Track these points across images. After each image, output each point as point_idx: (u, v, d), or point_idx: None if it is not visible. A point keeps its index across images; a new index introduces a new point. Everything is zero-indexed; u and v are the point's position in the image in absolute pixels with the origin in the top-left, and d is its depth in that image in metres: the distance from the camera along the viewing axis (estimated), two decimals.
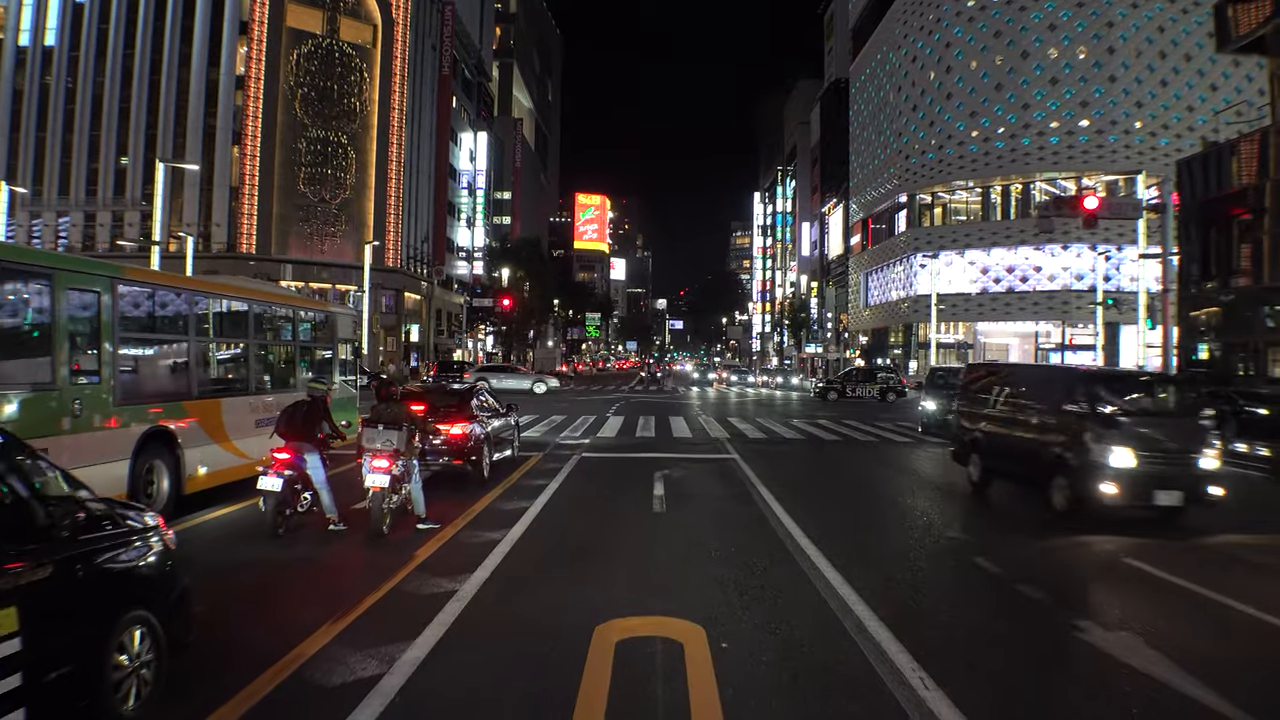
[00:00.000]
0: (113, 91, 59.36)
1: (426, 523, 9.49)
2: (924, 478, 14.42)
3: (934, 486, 13.50)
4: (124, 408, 9.34)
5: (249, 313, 12.26)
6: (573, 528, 9.64)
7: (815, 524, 9.74)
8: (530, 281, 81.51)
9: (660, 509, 10.70)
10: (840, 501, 12.02)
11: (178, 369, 10.81)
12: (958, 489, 13.14)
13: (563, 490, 12.10)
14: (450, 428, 12.19)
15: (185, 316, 10.79)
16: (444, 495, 11.61)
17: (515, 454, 15.38)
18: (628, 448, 17.81)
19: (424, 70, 69.74)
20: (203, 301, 11.27)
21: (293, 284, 61.33)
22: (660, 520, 10.05)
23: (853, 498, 12.41)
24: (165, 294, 10.54)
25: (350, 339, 16.01)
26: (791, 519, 9.97)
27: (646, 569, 7.71)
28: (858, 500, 12.17)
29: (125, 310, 9.60)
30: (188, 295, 10.89)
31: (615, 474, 14.07)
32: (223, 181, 59.11)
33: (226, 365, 12.21)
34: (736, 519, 10.16)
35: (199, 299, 11.18)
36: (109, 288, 9.16)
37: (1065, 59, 56.71)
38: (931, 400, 21.46)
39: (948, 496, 12.49)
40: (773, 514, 10.39)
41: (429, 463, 12.19)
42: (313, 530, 9.36)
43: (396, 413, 9.47)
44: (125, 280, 9.54)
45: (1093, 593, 7.54)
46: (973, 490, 12.64)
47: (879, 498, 12.46)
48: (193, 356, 10.90)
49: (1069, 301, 54.62)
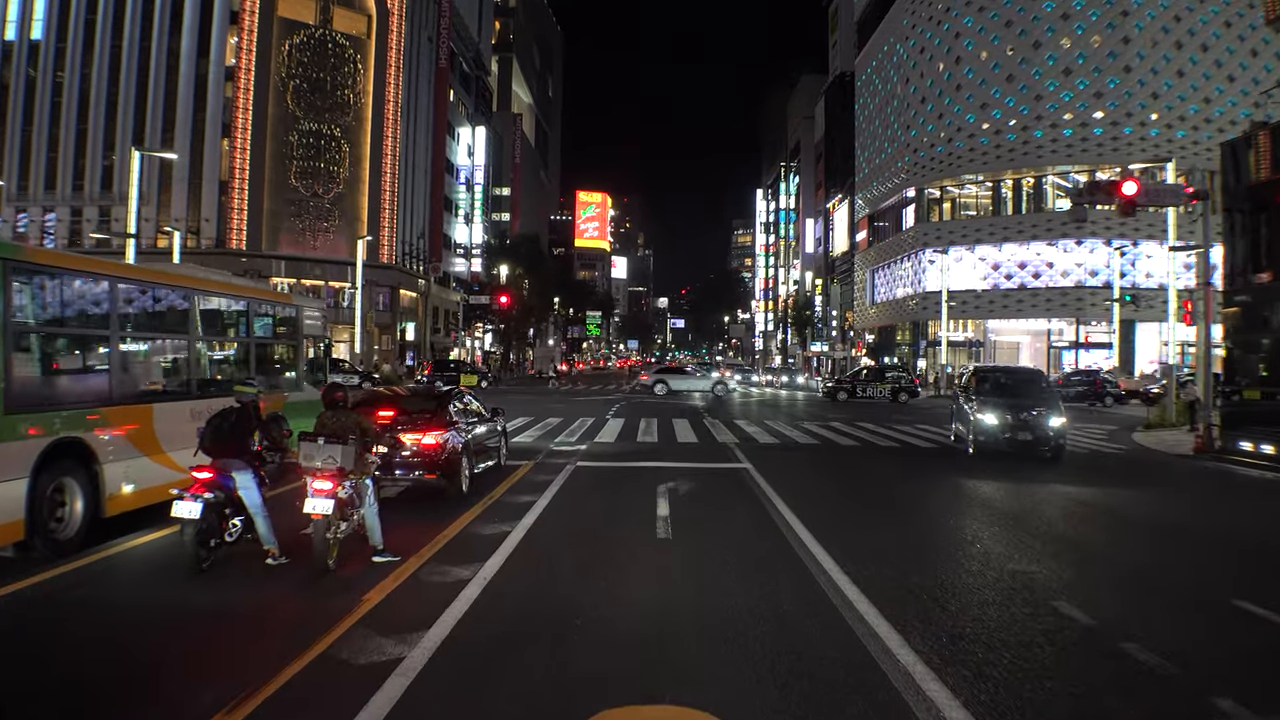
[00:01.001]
0: (100, 83, 57.78)
1: (384, 554, 7.87)
2: (966, 493, 12.79)
3: (979, 502, 11.89)
4: (18, 415, 7.71)
5: (190, 304, 10.62)
6: (559, 562, 8.01)
7: (851, 555, 8.11)
8: (529, 279, 79.89)
9: (664, 534, 9.06)
10: (874, 523, 10.36)
11: (95, 369, 9.19)
12: (1003, 504, 11.53)
13: (552, 510, 10.46)
14: (422, 437, 10.56)
15: (105, 307, 9.15)
16: (412, 516, 10.00)
17: (502, 463, 13.77)
18: (628, 455, 16.19)
19: (420, 62, 68.09)
20: (128, 290, 9.63)
21: (285, 281, 59.78)
22: (665, 551, 8.41)
23: (886, 518, 10.75)
24: (77, 280, 8.89)
25: (319, 335, 14.40)
26: (823, 549, 8.33)
27: (649, 629, 6.07)
28: (894, 521, 10.51)
29: (21, 298, 7.98)
30: (110, 282, 9.23)
31: (613, 488, 12.44)
32: (212, 175, 57.48)
33: (162, 365, 10.58)
34: (756, 550, 8.51)
35: (125, 287, 9.54)
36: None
37: (1079, 49, 55.03)
38: (989, 412, 16.73)
39: (998, 515, 10.87)
40: (799, 541, 8.75)
41: (398, 477, 10.60)
42: (247, 564, 7.75)
43: (343, 423, 7.85)
44: (19, 262, 7.90)
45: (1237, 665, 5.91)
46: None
47: (919, 517, 10.80)
48: (115, 355, 9.28)
49: (1083, 298, 52.99)
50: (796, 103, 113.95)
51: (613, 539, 8.93)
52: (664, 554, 8.25)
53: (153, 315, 10.19)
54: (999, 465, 15.54)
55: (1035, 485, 13.22)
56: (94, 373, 9.16)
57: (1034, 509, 11.28)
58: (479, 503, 10.74)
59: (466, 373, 52.83)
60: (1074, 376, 41.23)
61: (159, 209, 57.42)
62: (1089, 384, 40.07)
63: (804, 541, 8.70)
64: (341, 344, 61.02)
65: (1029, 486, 13.06)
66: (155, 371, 10.50)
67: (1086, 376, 41.22)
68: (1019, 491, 12.64)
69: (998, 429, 16.61)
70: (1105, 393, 39.32)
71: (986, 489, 12.85)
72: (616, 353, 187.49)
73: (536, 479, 12.91)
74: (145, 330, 10.13)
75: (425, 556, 7.98)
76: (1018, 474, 14.46)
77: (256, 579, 7.41)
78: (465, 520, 9.68)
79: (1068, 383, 40.32)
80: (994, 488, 12.98)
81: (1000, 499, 12.09)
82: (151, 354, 10.40)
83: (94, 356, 9.21)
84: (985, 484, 13.30)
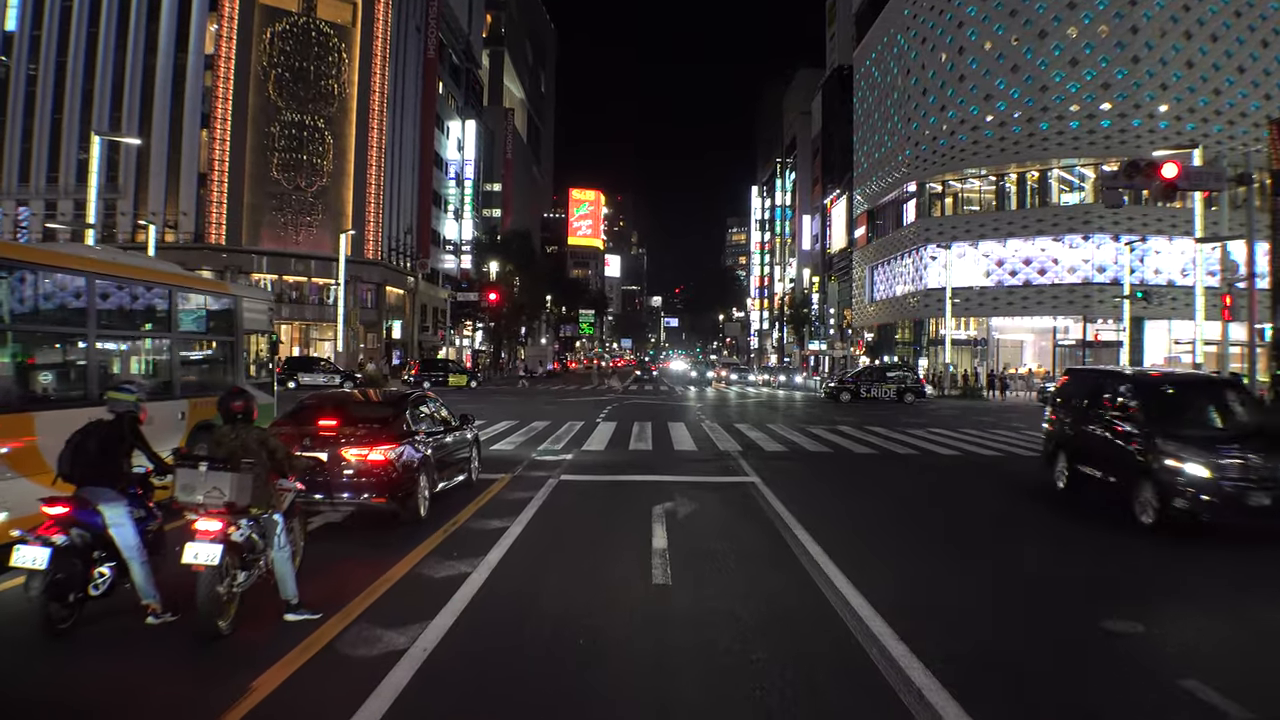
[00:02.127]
0: (75, 73, 55.77)
1: (298, 610, 6.07)
2: (1022, 517, 11.04)
3: (1038, 528, 10.14)
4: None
5: (89, 292, 8.79)
6: (527, 626, 6.20)
7: (902, 610, 6.34)
8: (520, 276, 78.03)
9: (662, 577, 7.26)
10: (914, 554, 8.57)
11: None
12: (1066, 530, 9.79)
13: (525, 542, 8.65)
14: (368, 452, 8.74)
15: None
16: (351, 549, 8.21)
17: (474, 478, 11.97)
18: (619, 466, 14.39)
19: (407, 52, 66.15)
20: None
21: (266, 277, 57.89)
22: (663, 604, 6.61)
23: (928, 546, 8.95)
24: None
25: (263, 330, 12.57)
26: (864, 599, 6.53)
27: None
28: (936, 551, 8.73)
29: None
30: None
31: (600, 509, 10.65)
32: (190, 167, 55.51)
33: (49, 365, 8.77)
34: (779, 601, 6.72)
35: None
36: None
37: (1085, 38, 53.30)
38: (1192, 454, 9.27)
39: (1063, 542, 9.13)
40: (831, 587, 6.96)
41: (338, 501, 8.78)
42: (120, 621, 5.96)
43: (241, 442, 6.05)
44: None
45: None
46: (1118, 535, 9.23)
47: (969, 546, 9.04)
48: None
49: (1091, 295, 51.30)
50: (793, 98, 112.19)
51: (597, 585, 7.12)
52: (661, 608, 6.45)
53: (37, 305, 8.37)
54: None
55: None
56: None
57: (1059, 516, 9.50)
58: (438, 531, 8.94)
59: (455, 372, 51.01)
60: None
61: (136, 202, 55.44)
62: None
63: (838, 588, 6.88)
64: (325, 342, 59.11)
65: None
66: (42, 374, 8.68)
67: None
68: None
69: (1223, 483, 8.99)
70: None
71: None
72: (610, 352, 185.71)
73: (512, 497, 11.11)
74: (28, 324, 8.31)
75: (353, 613, 6.18)
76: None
77: (124, 647, 5.63)
78: (416, 556, 7.87)
79: None
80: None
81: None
82: (35, 352, 8.57)
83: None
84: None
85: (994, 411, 33.04)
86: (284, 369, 44.19)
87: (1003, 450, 18.08)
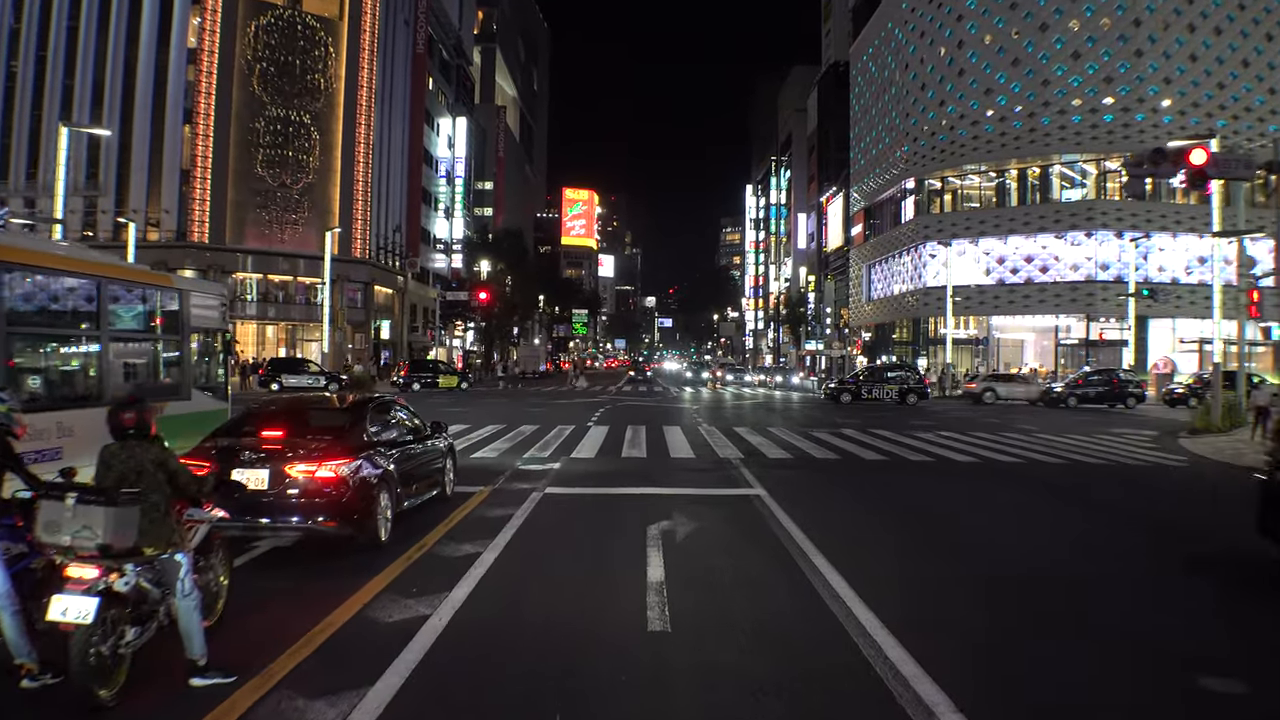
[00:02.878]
0: (55, 67, 54.33)
1: (207, 674, 4.85)
2: (1079, 544, 9.88)
3: (1098, 554, 8.99)
4: None
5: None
6: (493, 690, 5.00)
7: (960, 673, 5.16)
8: (512, 275, 76.72)
9: (660, 622, 6.05)
10: (965, 603, 7.40)
11: None
12: (1130, 562, 8.64)
13: (499, 572, 7.45)
14: (316, 468, 7.53)
15: None
16: (292, 583, 7.00)
17: (448, 491, 10.74)
18: (610, 477, 13.20)
19: (396, 47, 64.82)
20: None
21: (252, 276, 56.59)
22: (660, 660, 5.40)
23: (978, 587, 7.77)
24: None
25: (215, 327, 11.34)
26: (912, 659, 5.34)
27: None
28: (988, 593, 7.54)
29: None
30: None
31: (588, 530, 9.44)
32: (172, 164, 54.15)
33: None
34: (806, 662, 5.52)
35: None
36: None
37: (1087, 32, 52.29)
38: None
39: (1136, 578, 7.97)
40: (867, 637, 5.77)
41: (282, 527, 7.57)
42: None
43: (130, 464, 4.84)
44: None
45: None
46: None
47: (1029, 581, 7.86)
48: None
49: (1094, 293, 50.25)
50: (788, 95, 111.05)
51: (581, 632, 5.90)
52: (658, 666, 5.24)
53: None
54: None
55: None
56: None
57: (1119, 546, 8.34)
58: (399, 558, 7.73)
59: (446, 374, 49.77)
60: (1093, 376, 38.48)
61: (117, 200, 54.03)
62: (1107, 384, 37.28)
63: (877, 641, 5.69)
64: (313, 343, 57.73)
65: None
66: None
67: (1105, 376, 38.51)
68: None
69: None
70: (1127, 393, 36.54)
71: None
72: (604, 352, 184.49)
73: (489, 514, 9.90)
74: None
75: (277, 675, 4.97)
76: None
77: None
78: (369, 593, 6.66)
79: (1087, 382, 37.50)
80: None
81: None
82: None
83: None
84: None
85: (999, 413, 31.95)
86: (268, 371, 42.93)
87: (1021, 456, 16.95)
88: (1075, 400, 36.27)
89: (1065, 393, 36.88)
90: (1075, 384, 37.76)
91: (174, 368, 10.30)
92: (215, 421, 11.04)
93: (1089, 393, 36.56)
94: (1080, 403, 36.23)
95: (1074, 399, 36.36)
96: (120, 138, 53.95)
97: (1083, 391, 36.73)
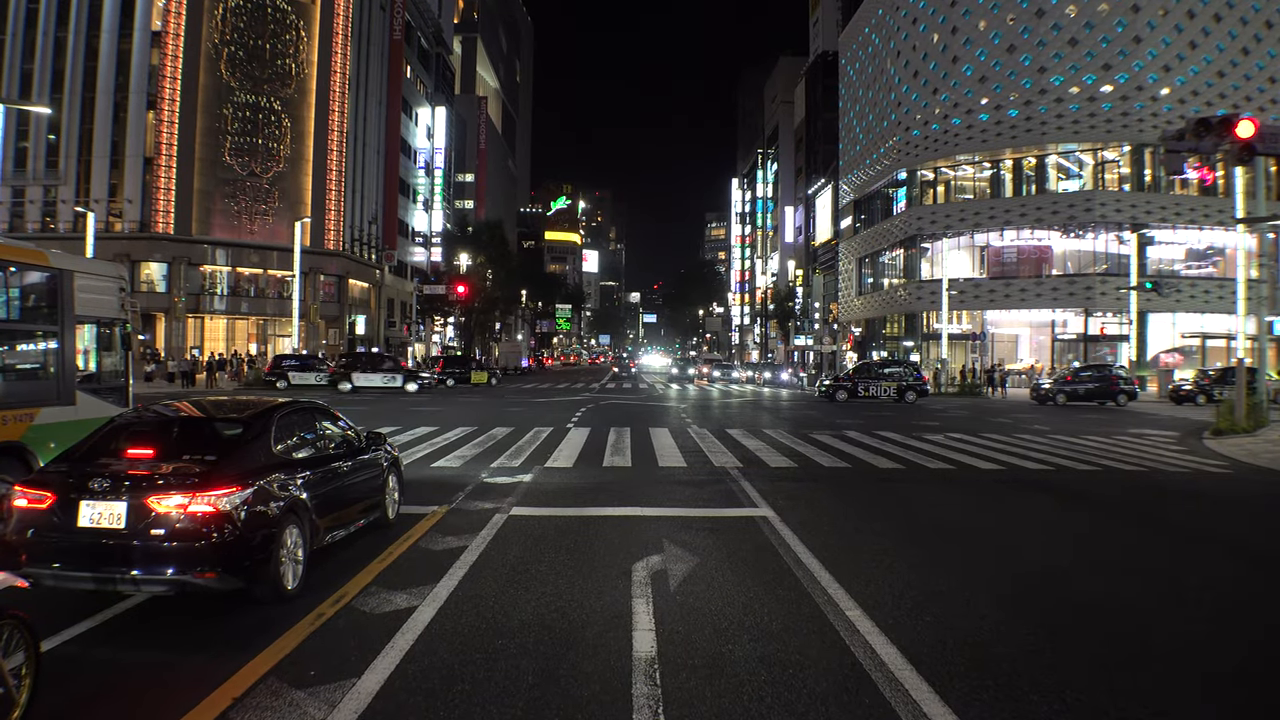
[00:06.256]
0: (13, 50, 51.81)
1: None
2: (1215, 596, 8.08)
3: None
4: None
5: None
6: None
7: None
8: (493, 269, 74.73)
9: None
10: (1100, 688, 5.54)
11: None
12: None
13: (435, 639, 5.55)
14: (190, 500, 5.63)
15: None
16: (142, 666, 5.08)
17: (390, 515, 8.85)
18: (589, 493, 11.33)
19: (371, 33, 62.63)
20: None
21: (221, 269, 54.36)
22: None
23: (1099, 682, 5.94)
24: None
25: (109, 315, 9.39)
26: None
27: None
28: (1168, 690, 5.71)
29: None
30: None
31: (559, 570, 7.47)
32: (136, 152, 51.83)
33: None
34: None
35: None
36: None
37: (1085, 17, 50.75)
38: None
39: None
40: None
41: (144, 580, 5.66)
42: None
43: None
44: None
45: None
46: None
47: (1183, 659, 6.04)
48: None
49: (1093, 286, 48.74)
50: (774, 87, 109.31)
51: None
52: None
53: None
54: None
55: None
56: None
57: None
58: (306, 616, 5.84)
59: (478, 369, 48.55)
60: (1084, 372, 36.96)
61: (78, 190, 51.71)
62: (1103, 380, 35.75)
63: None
64: (284, 339, 55.53)
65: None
66: None
67: (1099, 372, 36.99)
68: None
69: None
70: (1118, 390, 35.05)
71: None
72: (589, 348, 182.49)
73: (437, 547, 8.01)
74: None
75: None
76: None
77: None
78: (248, 677, 4.76)
79: (1076, 379, 36.02)
80: None
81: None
82: None
83: None
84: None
85: (1003, 410, 30.33)
86: (273, 367, 40.58)
87: (1047, 463, 15.21)
88: (1064, 398, 34.76)
89: (1054, 389, 35.40)
90: (1064, 380, 36.24)
91: (49, 365, 8.37)
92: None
93: (1078, 389, 35.05)
94: (1069, 400, 34.72)
95: (1062, 396, 34.86)
96: (81, 124, 51.64)
97: (1071, 388, 35.20)
